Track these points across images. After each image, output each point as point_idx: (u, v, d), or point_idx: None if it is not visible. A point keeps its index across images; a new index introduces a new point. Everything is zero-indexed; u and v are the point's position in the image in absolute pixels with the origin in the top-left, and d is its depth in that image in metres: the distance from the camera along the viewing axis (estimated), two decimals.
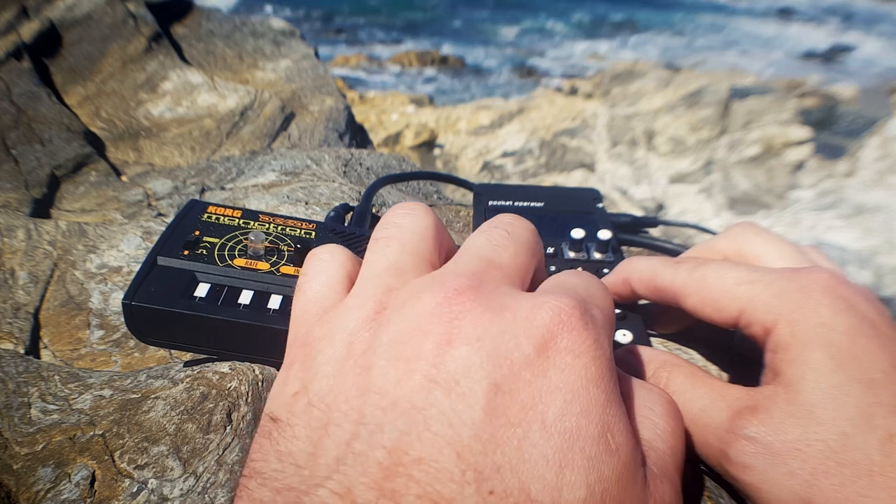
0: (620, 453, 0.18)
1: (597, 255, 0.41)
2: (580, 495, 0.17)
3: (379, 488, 0.16)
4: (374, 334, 0.19)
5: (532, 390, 0.18)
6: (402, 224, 0.24)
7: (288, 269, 0.32)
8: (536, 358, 0.18)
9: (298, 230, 0.35)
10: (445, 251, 0.24)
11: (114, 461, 0.26)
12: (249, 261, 0.32)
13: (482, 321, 0.19)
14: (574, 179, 3.90)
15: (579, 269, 0.23)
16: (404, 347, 0.19)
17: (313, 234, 0.35)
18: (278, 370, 0.31)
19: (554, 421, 0.18)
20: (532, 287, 0.23)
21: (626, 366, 0.29)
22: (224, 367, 0.31)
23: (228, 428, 0.28)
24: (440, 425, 0.17)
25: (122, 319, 0.30)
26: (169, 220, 0.50)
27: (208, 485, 0.25)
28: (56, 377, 0.31)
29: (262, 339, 0.30)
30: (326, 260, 0.24)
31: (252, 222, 0.35)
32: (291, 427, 0.19)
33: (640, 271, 0.32)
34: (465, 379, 0.18)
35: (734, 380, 0.33)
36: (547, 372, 0.18)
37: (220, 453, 0.26)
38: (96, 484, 0.25)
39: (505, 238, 0.23)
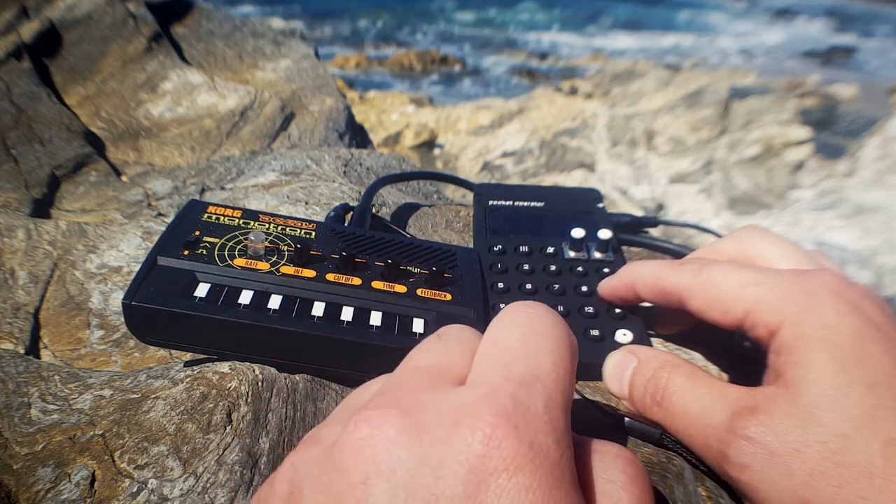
0: None
1: (597, 255, 0.41)
2: None
3: None
4: (308, 469, 0.18)
5: None
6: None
7: (288, 269, 0.32)
8: (466, 500, 0.16)
9: (298, 230, 0.35)
10: None
11: (114, 461, 0.26)
12: (249, 261, 0.32)
13: (394, 447, 0.17)
14: (574, 179, 3.89)
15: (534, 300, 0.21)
16: (326, 488, 0.17)
17: (313, 234, 0.35)
18: (278, 370, 0.31)
19: None
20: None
21: (625, 365, 0.29)
22: (224, 367, 0.31)
23: (228, 428, 0.28)
24: None
25: (122, 319, 0.30)
26: (169, 220, 0.50)
27: (208, 485, 0.25)
28: (56, 377, 0.31)
29: (262, 339, 0.30)
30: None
31: (252, 222, 0.35)
32: None
33: (644, 275, 0.32)
34: None
35: (734, 380, 0.33)
36: None
37: (220, 453, 0.26)
38: (96, 484, 0.25)
39: (435, 342, 0.22)
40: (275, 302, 0.30)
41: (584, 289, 0.37)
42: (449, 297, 0.33)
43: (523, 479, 0.16)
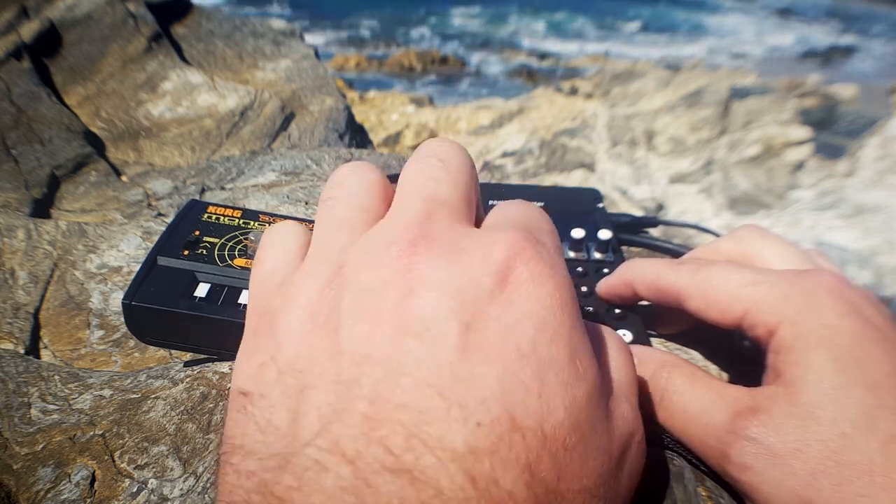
0: (588, 377, 0.19)
1: (597, 255, 0.41)
2: (559, 417, 0.18)
3: (366, 438, 0.16)
4: (336, 297, 0.19)
5: (502, 324, 0.18)
6: (345, 183, 0.24)
7: None
8: (500, 293, 0.19)
9: None
10: (389, 202, 0.24)
11: (114, 461, 0.26)
12: (249, 261, 0.32)
13: (439, 266, 0.19)
14: (574, 179, 3.89)
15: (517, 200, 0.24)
16: (368, 305, 0.19)
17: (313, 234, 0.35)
18: None
19: (528, 350, 0.18)
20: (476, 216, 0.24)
21: None
22: (224, 367, 0.31)
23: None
24: (417, 370, 0.17)
25: (122, 319, 0.30)
26: (169, 220, 0.50)
27: (208, 485, 0.25)
28: (56, 377, 0.31)
29: None
30: (283, 232, 0.24)
31: (252, 222, 0.35)
32: (265, 398, 0.19)
33: (642, 273, 0.32)
34: (433, 324, 0.18)
35: (734, 380, 0.33)
36: (513, 304, 0.19)
37: None
38: (96, 484, 0.25)
39: (440, 169, 0.23)
40: None
41: (584, 289, 0.37)
42: None
43: (548, 288, 0.19)
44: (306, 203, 0.52)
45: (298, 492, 0.16)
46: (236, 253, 0.32)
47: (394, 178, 0.49)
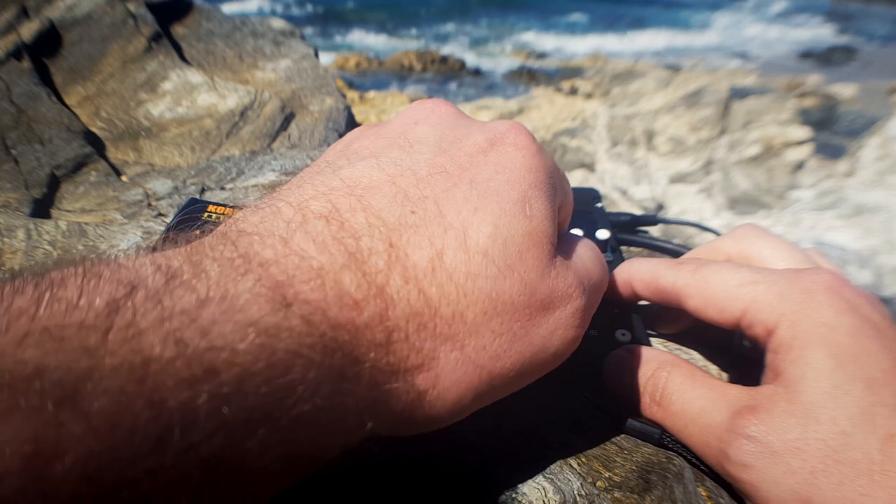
0: (533, 221, 0.21)
1: None
2: (486, 231, 0.20)
3: (323, 197, 0.20)
4: (364, 131, 0.25)
5: (470, 160, 0.22)
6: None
7: None
8: (487, 147, 0.23)
9: None
10: None
11: None
12: None
13: (448, 116, 0.25)
14: (574, 179, 3.89)
15: None
16: (384, 129, 0.24)
17: None
18: None
19: (481, 181, 0.21)
20: None
21: (625, 365, 0.29)
22: None
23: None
24: (388, 166, 0.21)
25: None
26: (169, 219, 0.50)
27: None
28: None
29: None
30: None
31: None
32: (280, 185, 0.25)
33: (641, 272, 0.32)
34: (419, 144, 0.23)
35: (734, 380, 0.33)
36: (488, 154, 0.23)
37: None
38: None
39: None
40: None
41: None
42: None
43: (522, 153, 0.23)
44: None
45: (255, 226, 0.19)
46: None
47: None
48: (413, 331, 0.18)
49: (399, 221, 0.19)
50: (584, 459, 0.27)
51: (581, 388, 0.32)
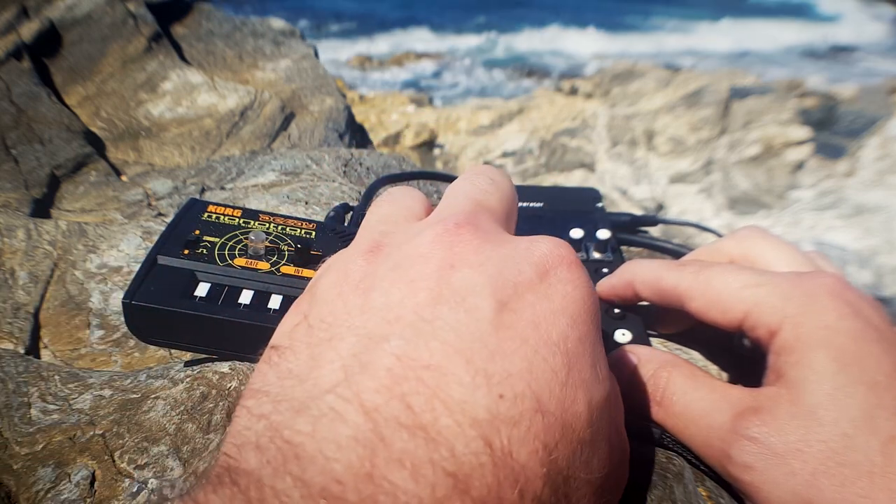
0: (604, 384, 0.20)
1: (596, 255, 0.41)
2: (580, 410, 0.18)
3: (388, 392, 0.16)
4: (374, 262, 0.20)
5: (537, 311, 0.19)
6: (392, 192, 0.26)
7: (288, 269, 0.32)
8: (539, 283, 0.20)
9: (298, 230, 0.35)
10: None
11: (114, 461, 0.26)
12: (250, 260, 0.32)
13: (483, 249, 0.20)
14: (574, 179, 3.89)
15: None
16: (406, 271, 0.19)
17: (313, 233, 0.35)
18: None
19: (558, 341, 0.19)
20: None
21: (625, 365, 0.29)
22: (224, 367, 0.31)
23: (229, 428, 0.28)
24: (448, 335, 0.17)
25: (122, 319, 0.30)
26: (169, 219, 0.50)
27: None
28: (56, 377, 0.31)
29: (263, 339, 0.30)
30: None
31: (252, 222, 0.35)
32: (293, 350, 0.19)
33: (643, 274, 0.32)
34: (470, 297, 0.18)
35: (734, 380, 0.33)
36: (550, 297, 0.19)
37: None
38: (96, 484, 0.25)
39: (490, 184, 0.24)
40: (275, 302, 0.30)
41: None
42: None
43: (582, 294, 0.20)
44: (306, 203, 0.52)
45: (310, 437, 0.16)
46: (236, 252, 0.32)
47: (396, 178, 0.49)
48: None
49: (490, 414, 0.16)
50: None
51: None
